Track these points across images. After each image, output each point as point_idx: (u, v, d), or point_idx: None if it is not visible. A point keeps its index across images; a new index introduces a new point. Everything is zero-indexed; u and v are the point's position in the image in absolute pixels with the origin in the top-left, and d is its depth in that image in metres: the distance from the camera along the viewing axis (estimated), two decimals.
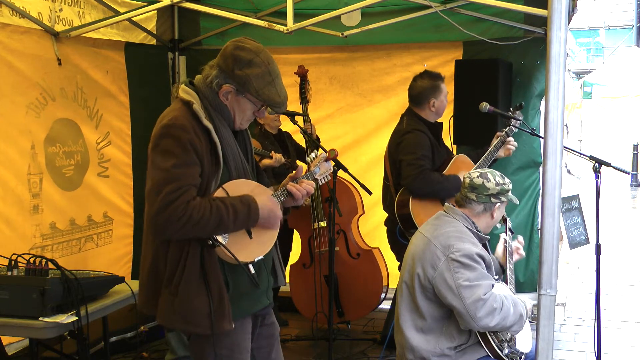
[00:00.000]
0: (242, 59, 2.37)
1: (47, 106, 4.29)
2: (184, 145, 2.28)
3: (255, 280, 2.42)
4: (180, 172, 2.27)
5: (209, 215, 2.27)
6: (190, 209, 2.24)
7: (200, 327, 2.36)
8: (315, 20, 4.36)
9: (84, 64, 4.62)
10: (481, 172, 3.05)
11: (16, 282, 2.87)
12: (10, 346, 4.03)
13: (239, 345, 2.47)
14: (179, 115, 2.35)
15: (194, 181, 2.30)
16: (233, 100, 2.42)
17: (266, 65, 2.38)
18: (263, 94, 2.37)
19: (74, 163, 4.54)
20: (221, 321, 2.35)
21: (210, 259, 2.35)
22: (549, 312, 1.97)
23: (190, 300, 2.33)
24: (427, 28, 5.13)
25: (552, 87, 1.90)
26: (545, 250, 1.95)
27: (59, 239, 4.40)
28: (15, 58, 4.04)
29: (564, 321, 5.23)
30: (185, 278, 2.33)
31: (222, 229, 2.33)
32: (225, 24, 5.36)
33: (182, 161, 2.27)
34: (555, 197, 1.93)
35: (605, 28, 27.33)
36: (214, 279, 2.35)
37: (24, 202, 4.12)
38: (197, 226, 2.26)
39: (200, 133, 2.33)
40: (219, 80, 2.40)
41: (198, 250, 2.33)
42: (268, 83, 2.38)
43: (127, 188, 5.09)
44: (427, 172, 3.91)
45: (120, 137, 5.02)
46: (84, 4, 4.59)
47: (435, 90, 4.12)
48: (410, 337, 2.97)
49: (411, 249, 3.09)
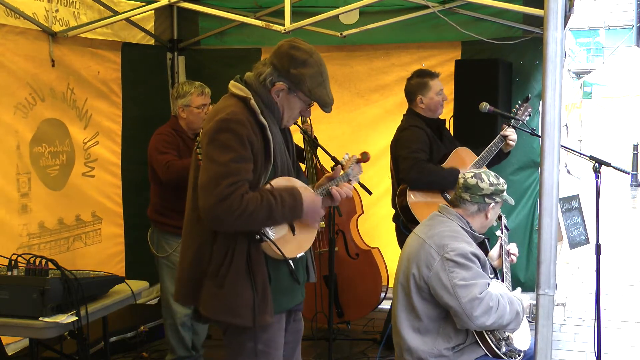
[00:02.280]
0: (297, 59, 2.44)
1: (35, 106, 4.26)
2: (242, 140, 2.35)
3: (295, 276, 2.53)
4: (237, 167, 2.33)
5: (260, 207, 2.34)
6: (245, 201, 2.31)
7: (244, 319, 2.42)
8: (313, 20, 4.36)
9: (79, 65, 4.60)
10: (475, 173, 3.05)
11: (16, 282, 2.87)
12: (10, 346, 4.03)
13: (275, 341, 2.54)
14: (237, 111, 2.41)
15: (249, 176, 2.37)
16: (284, 98, 2.49)
17: (319, 66, 2.47)
18: (315, 93, 2.46)
19: (59, 163, 4.50)
20: (264, 314, 2.42)
21: (257, 254, 2.43)
22: (548, 312, 1.97)
23: (236, 292, 2.40)
24: (425, 28, 5.13)
25: (549, 87, 1.91)
26: (543, 250, 1.95)
27: (47, 238, 4.38)
28: (6, 58, 4.02)
29: (564, 321, 5.23)
30: (232, 271, 2.40)
31: (272, 221, 2.41)
32: (224, 24, 5.36)
33: (239, 156, 2.34)
34: (553, 197, 1.93)
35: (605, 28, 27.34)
36: (259, 273, 2.42)
37: (12, 202, 4.10)
38: (250, 218, 2.33)
39: (257, 129, 2.41)
40: (273, 78, 2.46)
41: (245, 244, 2.41)
42: (320, 83, 2.46)
43: (114, 188, 5.04)
44: (421, 163, 3.95)
45: (110, 137, 4.98)
46: (79, 5, 4.58)
47: (422, 87, 4.16)
48: (408, 338, 2.97)
49: (406, 250, 3.09)
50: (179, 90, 4.00)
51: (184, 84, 4.04)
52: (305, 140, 4.58)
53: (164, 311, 4.12)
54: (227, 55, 5.32)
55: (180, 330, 4.04)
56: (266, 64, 2.48)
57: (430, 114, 4.20)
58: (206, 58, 5.49)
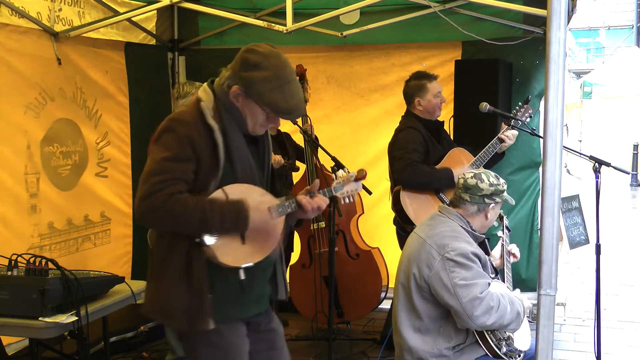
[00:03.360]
0: (249, 61, 2.35)
1: (46, 106, 4.29)
2: (181, 139, 2.31)
3: (242, 286, 2.40)
4: (170, 165, 2.29)
5: (191, 213, 2.27)
6: (172, 201, 2.25)
7: (176, 321, 2.39)
8: (314, 20, 4.37)
9: (84, 64, 4.62)
10: (475, 173, 3.05)
11: (16, 282, 2.87)
12: (10, 346, 4.02)
13: (235, 348, 2.46)
14: (186, 112, 2.41)
15: (184, 176, 2.31)
16: (244, 103, 2.40)
17: (275, 69, 2.34)
18: (266, 97, 2.33)
19: (70, 163, 4.53)
20: (200, 319, 2.35)
21: (197, 257, 2.35)
22: (549, 312, 1.97)
23: (170, 293, 2.36)
24: (425, 28, 5.13)
25: (552, 87, 1.90)
26: (545, 250, 1.95)
27: (56, 238, 4.39)
28: (14, 58, 4.04)
29: (564, 321, 5.23)
30: (170, 271, 2.36)
31: (207, 230, 2.32)
32: (224, 24, 5.36)
33: (175, 155, 2.30)
34: (555, 197, 1.93)
35: (605, 28, 27.33)
36: (196, 277, 2.35)
37: (21, 202, 4.12)
38: (178, 220, 2.28)
39: (203, 131, 2.35)
40: (229, 82, 2.39)
41: (186, 246, 2.35)
42: (274, 88, 2.33)
43: (126, 188, 5.08)
44: (414, 164, 3.95)
45: (119, 137, 5.02)
46: (84, 4, 4.59)
47: (420, 89, 4.16)
48: (408, 337, 2.97)
49: (406, 250, 3.09)
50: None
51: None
52: (306, 140, 4.59)
53: None
54: (227, 55, 5.19)
55: None
56: (227, 68, 2.44)
57: (428, 115, 4.19)
58: (206, 58, 5.49)
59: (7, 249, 3.24)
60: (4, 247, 3.62)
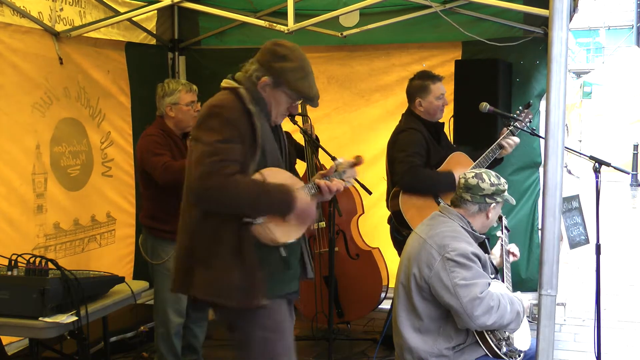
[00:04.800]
0: (278, 53, 2.55)
1: (51, 105, 4.29)
2: (229, 122, 2.42)
3: (285, 263, 2.54)
4: (223, 147, 2.38)
5: (246, 195, 2.38)
6: (229, 182, 2.35)
7: (232, 300, 2.45)
8: (315, 20, 4.36)
9: (85, 64, 4.62)
10: (476, 173, 3.05)
11: (16, 282, 2.87)
12: (10, 346, 4.02)
13: (281, 325, 2.56)
14: (225, 99, 2.52)
15: (237, 157, 2.41)
16: (270, 93, 2.57)
17: (300, 61, 2.57)
18: (297, 86, 2.55)
19: (79, 163, 4.54)
20: (255, 296, 2.43)
21: (247, 236, 2.44)
22: (550, 312, 1.97)
23: (224, 273, 2.43)
24: (426, 28, 5.12)
25: (554, 87, 1.90)
26: (546, 250, 1.95)
27: (62, 239, 4.39)
28: (18, 58, 4.03)
29: (564, 321, 5.23)
30: (221, 252, 2.43)
31: (256, 211, 2.43)
32: (224, 24, 5.36)
33: (225, 137, 2.40)
34: (556, 197, 1.93)
35: (605, 28, 27.34)
36: (248, 255, 2.43)
37: (27, 202, 4.12)
38: (232, 201, 2.38)
39: (244, 115, 2.47)
40: (258, 73, 2.56)
41: (235, 227, 2.43)
42: (302, 77, 2.56)
43: (129, 188, 5.08)
44: (416, 168, 3.92)
45: (122, 136, 5.02)
46: (85, 4, 4.58)
47: (422, 90, 4.11)
48: (408, 337, 2.97)
49: (407, 250, 3.09)
50: (166, 89, 3.84)
51: (170, 82, 3.89)
52: (306, 140, 4.59)
53: (156, 320, 3.90)
54: (227, 55, 5.31)
55: (173, 339, 3.86)
56: (252, 62, 2.60)
57: (429, 117, 4.15)
58: (206, 58, 5.49)
59: (12, 249, 3.22)
60: (9, 247, 3.60)
